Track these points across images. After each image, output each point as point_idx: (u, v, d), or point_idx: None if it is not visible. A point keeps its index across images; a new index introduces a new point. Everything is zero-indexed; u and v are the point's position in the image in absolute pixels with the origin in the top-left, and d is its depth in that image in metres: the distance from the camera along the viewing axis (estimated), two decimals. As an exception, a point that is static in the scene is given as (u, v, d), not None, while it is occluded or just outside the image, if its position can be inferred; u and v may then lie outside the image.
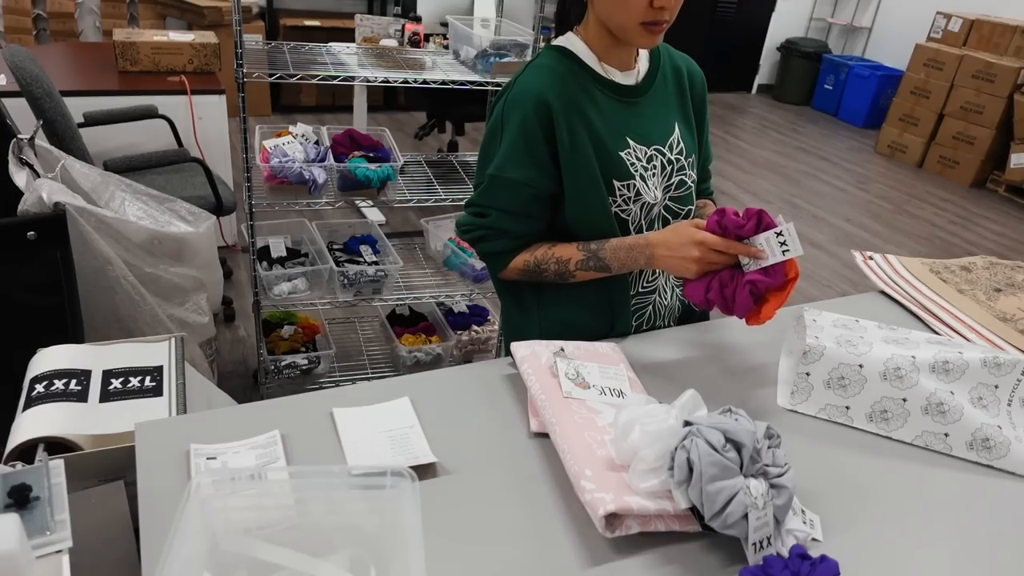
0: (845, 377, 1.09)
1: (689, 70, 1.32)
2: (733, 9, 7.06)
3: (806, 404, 1.11)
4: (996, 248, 4.45)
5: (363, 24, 2.60)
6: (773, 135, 6.28)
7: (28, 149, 1.74)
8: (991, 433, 1.03)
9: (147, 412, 1.10)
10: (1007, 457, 1.03)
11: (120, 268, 1.76)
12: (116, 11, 4.72)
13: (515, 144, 1.16)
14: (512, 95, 1.17)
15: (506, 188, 1.19)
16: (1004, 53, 5.46)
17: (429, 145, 4.97)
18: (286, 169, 2.09)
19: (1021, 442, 1.03)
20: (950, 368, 1.06)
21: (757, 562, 0.80)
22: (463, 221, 1.27)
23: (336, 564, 0.72)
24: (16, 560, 0.65)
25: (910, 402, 1.06)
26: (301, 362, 2.39)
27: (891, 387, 1.07)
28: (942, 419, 1.05)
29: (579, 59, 1.20)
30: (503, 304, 1.38)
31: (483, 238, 1.24)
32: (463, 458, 0.96)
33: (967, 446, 1.04)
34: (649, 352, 1.22)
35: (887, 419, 1.07)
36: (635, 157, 1.20)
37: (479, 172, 1.24)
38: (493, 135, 1.21)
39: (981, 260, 1.64)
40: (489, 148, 1.21)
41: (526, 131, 1.15)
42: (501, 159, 1.18)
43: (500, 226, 1.21)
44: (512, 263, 1.24)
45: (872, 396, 1.08)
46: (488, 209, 1.22)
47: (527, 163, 1.17)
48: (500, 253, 1.24)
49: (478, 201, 1.23)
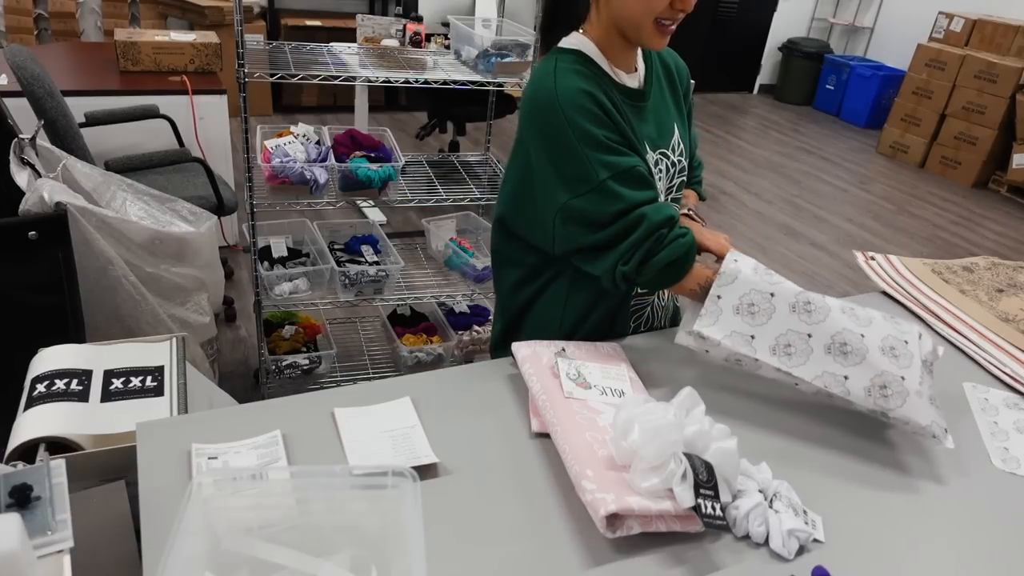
0: (755, 304, 1.06)
1: (676, 64, 1.29)
2: (735, 9, 7.06)
3: (713, 328, 1.06)
4: (998, 248, 4.44)
5: (364, 24, 2.60)
6: (775, 135, 6.28)
7: (29, 149, 1.74)
8: (889, 380, 1.01)
9: (148, 412, 1.10)
10: (903, 408, 1.00)
11: (121, 268, 1.76)
12: (117, 11, 4.72)
13: (598, 140, 1.06)
14: (562, 102, 1.06)
15: (632, 179, 1.06)
16: (1006, 53, 5.45)
17: (430, 145, 4.97)
18: (287, 169, 2.09)
19: (921, 397, 1.00)
20: (859, 313, 1.05)
21: None
22: (606, 263, 1.08)
23: (337, 564, 0.72)
24: (17, 560, 0.65)
25: (815, 339, 1.03)
26: (302, 362, 2.39)
27: (799, 320, 1.04)
28: (843, 360, 1.02)
29: (595, 62, 1.13)
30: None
31: (652, 251, 1.06)
32: (464, 458, 0.96)
33: (865, 392, 1.01)
34: (648, 352, 1.22)
35: (790, 354, 1.04)
36: (649, 163, 1.17)
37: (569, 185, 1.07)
38: (564, 147, 1.06)
39: (983, 260, 1.63)
40: (569, 160, 1.06)
41: (601, 123, 1.06)
42: (604, 159, 1.05)
43: (660, 219, 1.06)
44: (693, 274, 1.09)
45: (778, 328, 1.05)
46: (633, 212, 1.06)
47: (624, 151, 1.07)
48: (681, 259, 1.07)
49: (612, 212, 1.05)
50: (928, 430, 1.00)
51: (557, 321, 1.25)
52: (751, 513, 0.87)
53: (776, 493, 0.91)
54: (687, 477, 0.83)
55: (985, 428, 1.14)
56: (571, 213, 1.09)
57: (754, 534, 0.87)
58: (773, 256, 3.97)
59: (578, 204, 1.08)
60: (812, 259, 3.98)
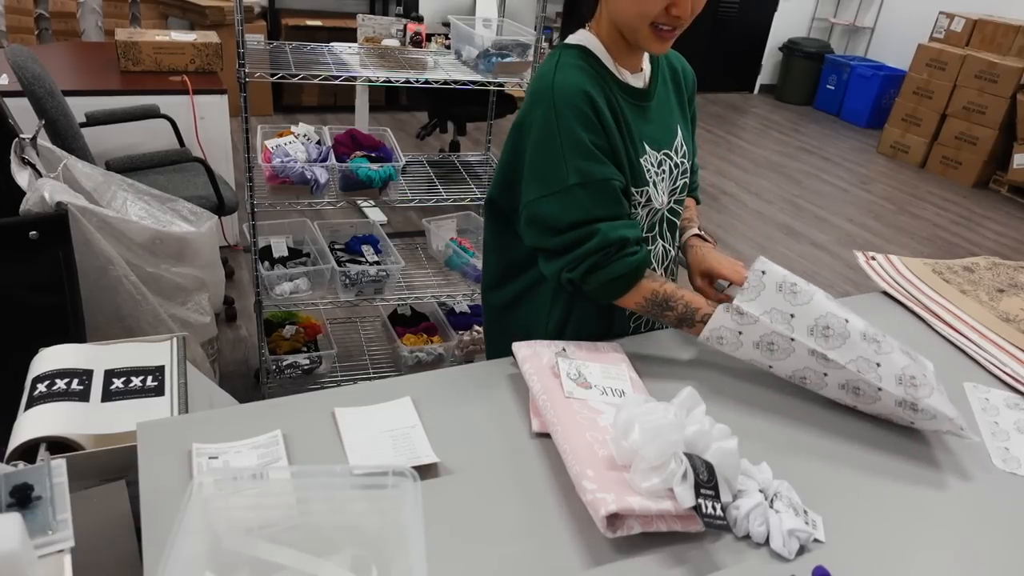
0: (797, 284, 1.07)
1: (683, 68, 1.30)
2: (735, 9, 7.06)
3: (753, 304, 1.07)
4: (999, 248, 4.44)
5: (365, 24, 2.60)
6: (775, 135, 6.28)
7: (30, 149, 1.74)
8: (916, 372, 1.03)
9: (149, 412, 1.10)
10: (931, 399, 1.02)
11: (122, 268, 1.76)
12: (118, 11, 4.72)
13: (586, 148, 1.06)
14: (556, 98, 1.07)
15: (599, 193, 1.06)
16: (1007, 53, 5.45)
17: (431, 145, 4.97)
18: (288, 169, 2.09)
19: (943, 395, 1.03)
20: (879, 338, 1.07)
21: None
22: (555, 266, 1.10)
23: (338, 564, 0.72)
24: (18, 560, 0.65)
25: (851, 324, 1.05)
26: (303, 362, 2.39)
27: (837, 307, 1.07)
28: (877, 348, 1.04)
29: (599, 60, 1.14)
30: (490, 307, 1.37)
31: (598, 264, 1.07)
32: (464, 458, 0.96)
33: (896, 380, 1.03)
34: (648, 352, 1.22)
35: (827, 336, 1.05)
36: (650, 163, 1.17)
37: (541, 183, 1.08)
38: (548, 143, 1.07)
39: (984, 260, 1.63)
40: (548, 158, 1.07)
41: (591, 132, 1.07)
42: (579, 165, 1.05)
43: (614, 238, 1.06)
44: (639, 288, 1.10)
45: (818, 310, 1.06)
46: (590, 226, 1.06)
47: (603, 160, 1.07)
48: (627, 275, 1.09)
49: (569, 220, 1.06)
50: (956, 422, 1.02)
51: (544, 321, 1.25)
52: (752, 513, 0.87)
53: (777, 493, 0.91)
54: (688, 477, 0.83)
55: (986, 428, 1.14)
56: (534, 214, 1.11)
57: (755, 534, 0.87)
58: (773, 256, 3.97)
59: (543, 206, 1.09)
60: (813, 259, 3.98)
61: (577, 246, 1.09)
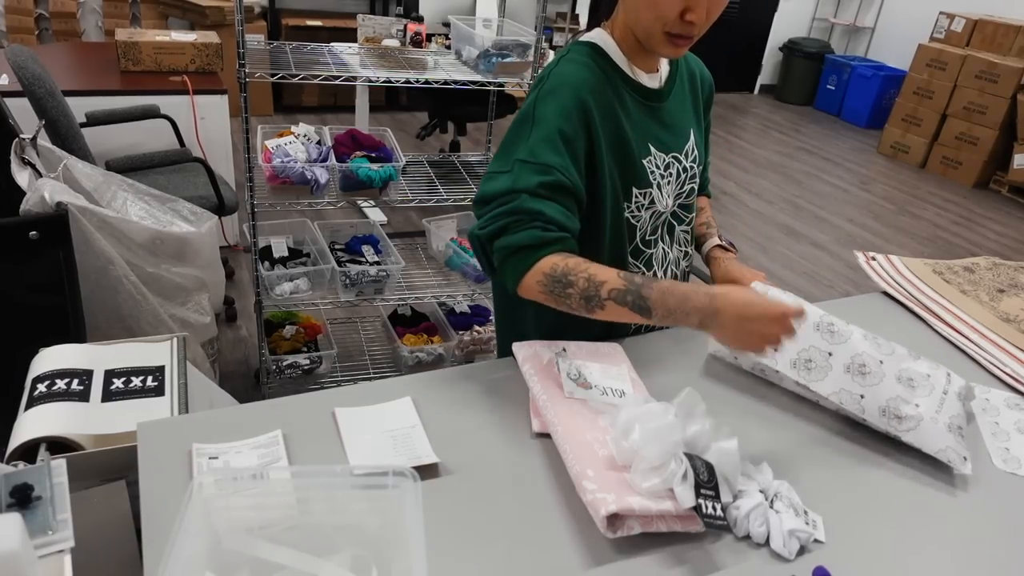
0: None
1: (701, 74, 1.31)
2: (736, 9, 7.05)
3: None
4: (999, 249, 4.44)
5: (365, 24, 2.60)
6: (775, 135, 6.28)
7: (30, 149, 1.74)
8: (902, 405, 1.05)
9: (149, 412, 1.10)
10: (913, 432, 1.03)
11: (122, 268, 1.76)
12: (118, 11, 4.72)
13: (549, 133, 1.05)
14: (548, 87, 1.08)
15: (537, 172, 1.04)
16: (1007, 53, 5.45)
17: (431, 145, 4.97)
18: (288, 169, 2.09)
19: (937, 423, 1.03)
20: (881, 343, 1.11)
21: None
22: (477, 216, 1.09)
23: (338, 564, 0.72)
24: (18, 560, 0.65)
25: (835, 357, 1.09)
26: (303, 362, 2.39)
27: (821, 339, 1.11)
28: (861, 380, 1.07)
29: (610, 58, 1.14)
30: (498, 304, 1.37)
31: (507, 228, 1.04)
32: (465, 458, 0.96)
33: (880, 412, 1.06)
34: (649, 352, 1.22)
35: (810, 369, 1.10)
36: (655, 165, 1.17)
37: (500, 162, 1.08)
38: (521, 125, 1.08)
39: (984, 261, 1.63)
40: (515, 139, 1.08)
41: (564, 122, 1.06)
42: (532, 146, 1.05)
43: (531, 208, 1.03)
44: (540, 264, 1.03)
45: (801, 344, 1.11)
46: (514, 194, 1.04)
47: (562, 152, 1.05)
48: (531, 246, 1.03)
49: (499, 189, 1.05)
50: (942, 455, 1.02)
51: (539, 322, 1.24)
52: (752, 513, 0.87)
53: (777, 493, 0.91)
54: (688, 477, 0.83)
55: (986, 428, 1.14)
56: (482, 194, 1.08)
57: (755, 534, 0.86)
58: (774, 256, 3.97)
59: (492, 182, 1.07)
60: (813, 259, 3.98)
61: (497, 208, 1.06)
